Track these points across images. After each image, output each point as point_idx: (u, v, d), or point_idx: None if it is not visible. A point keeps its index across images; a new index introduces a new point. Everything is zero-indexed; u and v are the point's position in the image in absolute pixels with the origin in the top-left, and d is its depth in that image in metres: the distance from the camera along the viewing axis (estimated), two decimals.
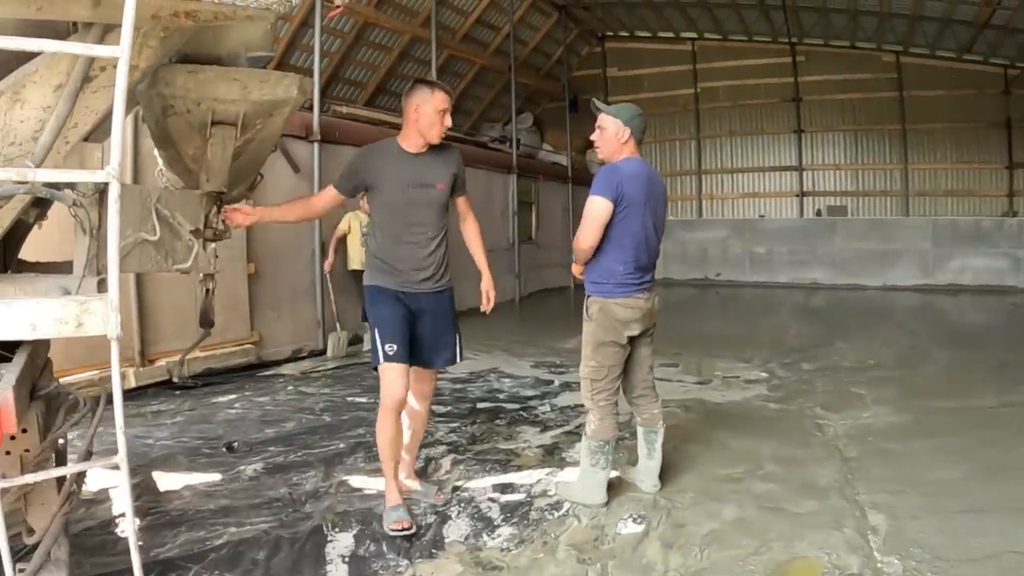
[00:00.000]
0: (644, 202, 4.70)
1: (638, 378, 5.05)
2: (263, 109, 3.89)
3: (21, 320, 2.44)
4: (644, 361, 5.06)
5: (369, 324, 4.65)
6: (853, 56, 20.30)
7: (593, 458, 4.81)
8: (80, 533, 4.32)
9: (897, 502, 4.75)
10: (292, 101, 3.87)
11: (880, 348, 10.57)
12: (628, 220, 4.66)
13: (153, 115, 3.88)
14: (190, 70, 3.62)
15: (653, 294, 4.90)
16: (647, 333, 4.97)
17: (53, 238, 4.20)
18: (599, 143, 4.90)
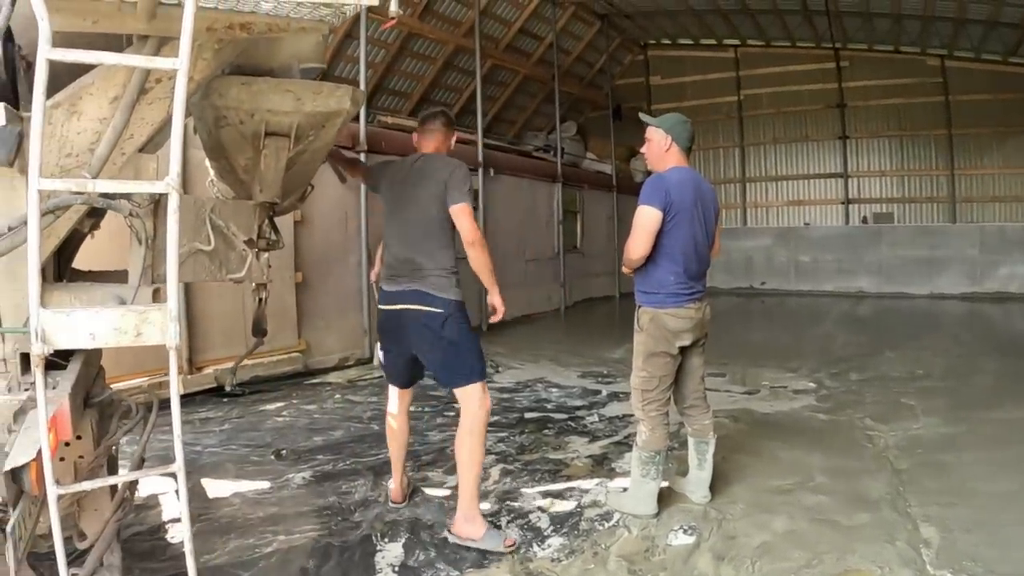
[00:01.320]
0: (692, 210, 4.67)
1: (689, 388, 5.01)
2: (316, 120, 3.92)
3: (81, 329, 2.46)
4: (696, 371, 5.00)
5: (469, 339, 4.54)
6: (897, 60, 20.00)
7: (644, 469, 4.78)
8: (129, 538, 4.36)
9: (949, 515, 4.66)
10: (345, 112, 3.89)
11: (929, 358, 10.38)
12: (677, 229, 4.63)
13: (206, 126, 3.91)
14: (243, 82, 3.65)
15: (704, 304, 4.85)
16: (698, 343, 4.92)
17: (103, 247, 4.25)
18: (646, 154, 4.93)
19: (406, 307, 4.50)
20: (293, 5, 2.91)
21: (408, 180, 4.61)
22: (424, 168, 4.60)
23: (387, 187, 4.77)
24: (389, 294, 4.61)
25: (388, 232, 4.75)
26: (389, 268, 4.67)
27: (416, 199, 4.55)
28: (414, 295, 4.47)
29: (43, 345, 2.39)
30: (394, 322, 4.61)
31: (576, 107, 21.70)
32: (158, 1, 2.69)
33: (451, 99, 17.01)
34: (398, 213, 4.65)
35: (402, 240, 4.60)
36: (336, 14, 3.10)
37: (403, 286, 4.52)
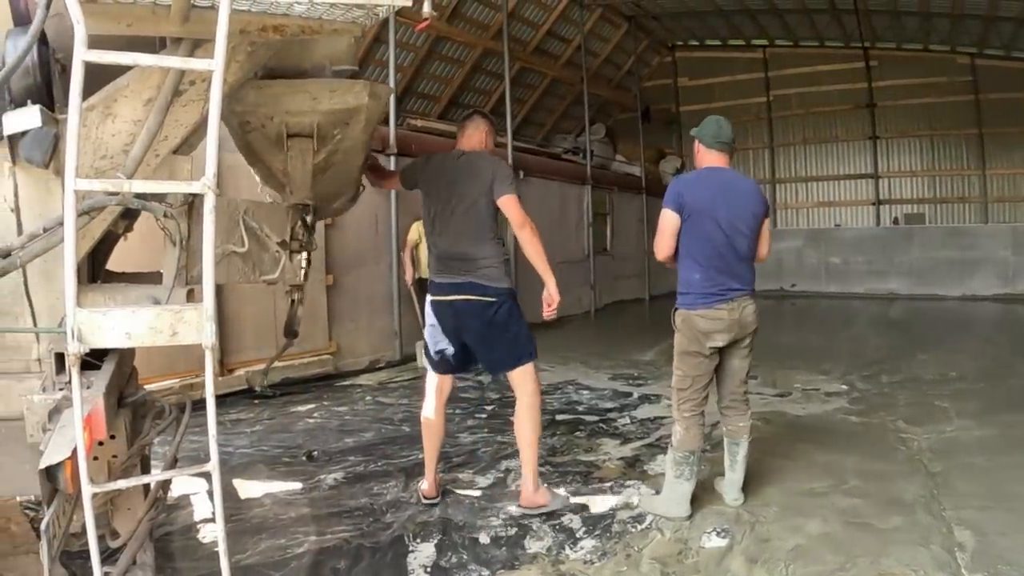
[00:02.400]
0: (712, 209, 4.65)
1: (727, 389, 4.96)
2: (337, 118, 3.93)
3: (117, 329, 2.48)
4: (736, 373, 4.93)
5: (521, 324, 4.86)
6: (927, 59, 19.82)
7: (678, 469, 4.75)
8: (161, 538, 4.38)
9: (984, 518, 4.59)
10: (364, 107, 3.89)
11: (962, 360, 10.23)
12: (695, 228, 4.65)
13: (234, 132, 3.95)
14: (259, 85, 3.68)
15: (741, 303, 4.71)
16: (739, 344, 4.83)
17: (135, 250, 4.28)
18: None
19: (461, 298, 4.74)
20: (326, 7, 2.92)
21: (453, 176, 4.79)
22: (469, 164, 4.81)
23: (429, 183, 4.93)
24: (441, 286, 4.83)
25: (434, 227, 4.87)
26: (439, 262, 4.87)
27: (464, 194, 4.75)
28: (469, 286, 4.71)
29: (79, 344, 2.41)
30: (447, 312, 4.84)
31: (604, 109, 21.66)
32: (191, 4, 2.71)
33: (480, 102, 17.04)
34: (445, 209, 4.79)
35: (452, 235, 4.78)
36: (369, 15, 3.11)
37: (456, 278, 4.75)
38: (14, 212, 2.96)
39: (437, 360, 5.01)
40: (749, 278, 4.81)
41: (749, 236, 4.76)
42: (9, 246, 2.75)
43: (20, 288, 2.97)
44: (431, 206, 4.87)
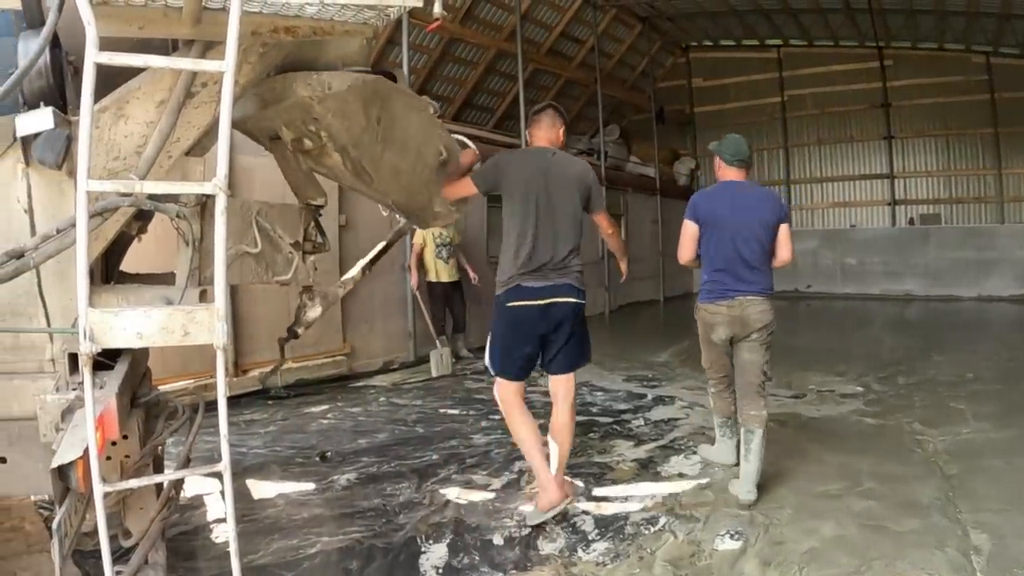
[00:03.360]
0: (721, 220, 5.22)
1: (743, 380, 5.31)
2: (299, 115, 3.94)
3: (129, 329, 2.49)
4: (746, 366, 5.27)
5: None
6: (942, 58, 19.68)
7: (721, 430, 5.77)
8: (174, 538, 4.40)
9: (1001, 521, 4.55)
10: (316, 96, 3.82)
11: (978, 361, 10.16)
12: (709, 235, 5.29)
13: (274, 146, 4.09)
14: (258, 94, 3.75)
15: (743, 303, 5.15)
16: (746, 339, 5.24)
17: (149, 251, 4.30)
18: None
19: (559, 300, 4.73)
20: (337, 8, 2.93)
21: (549, 176, 4.75)
22: (564, 166, 4.85)
23: (518, 183, 4.77)
24: (536, 289, 4.70)
25: (528, 227, 4.71)
26: (530, 263, 4.69)
27: (562, 196, 4.77)
28: (566, 288, 4.74)
29: (91, 344, 2.43)
30: (537, 316, 4.73)
31: (619, 110, 21.63)
32: (203, 6, 2.72)
33: (494, 103, 17.06)
34: (545, 211, 4.72)
35: (553, 238, 4.73)
36: (380, 16, 3.12)
37: (553, 280, 4.71)
38: (27, 213, 2.98)
39: (520, 366, 4.86)
40: (757, 281, 5.20)
41: (757, 243, 5.19)
42: (23, 247, 2.76)
43: (34, 289, 2.99)
44: (524, 207, 4.72)
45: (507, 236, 4.81)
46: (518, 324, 4.75)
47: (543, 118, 5.01)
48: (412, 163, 4.58)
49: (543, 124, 5.00)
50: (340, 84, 3.79)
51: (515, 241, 4.73)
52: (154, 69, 2.90)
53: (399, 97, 4.22)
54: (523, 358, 4.83)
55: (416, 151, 4.53)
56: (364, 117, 4.03)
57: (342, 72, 3.77)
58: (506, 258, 4.78)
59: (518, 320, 4.74)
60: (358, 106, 3.95)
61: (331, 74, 3.74)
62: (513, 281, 4.71)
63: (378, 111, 4.09)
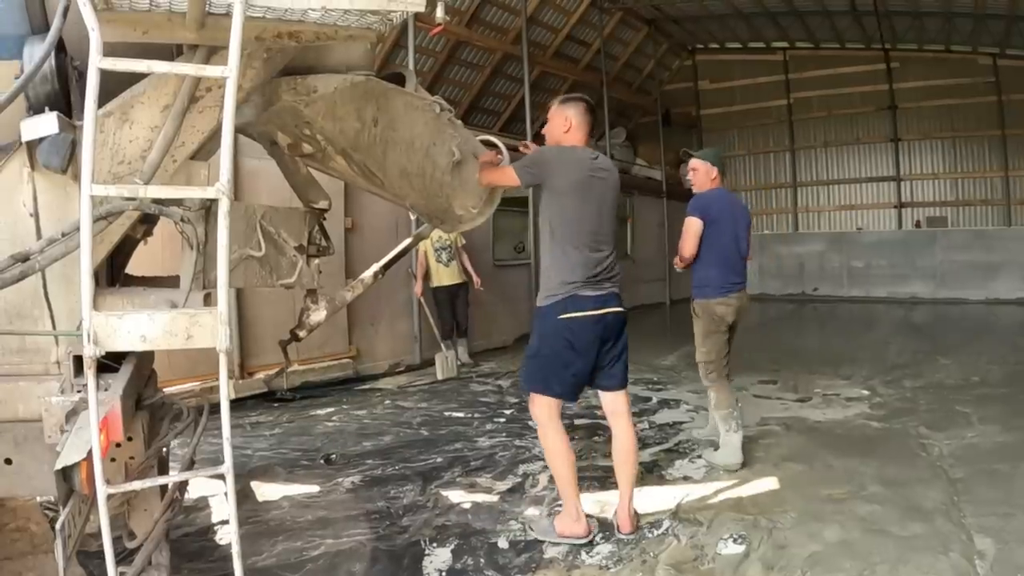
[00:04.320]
0: (728, 221, 6.01)
1: (729, 364, 6.24)
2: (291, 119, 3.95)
3: (132, 332, 2.51)
4: (731, 349, 6.27)
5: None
6: (948, 60, 19.63)
7: (727, 424, 5.90)
8: (179, 539, 4.42)
9: (1006, 526, 4.54)
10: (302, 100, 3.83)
11: (985, 364, 10.14)
12: (715, 235, 5.94)
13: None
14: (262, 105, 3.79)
15: (741, 294, 6.07)
16: (734, 326, 6.18)
17: (156, 254, 4.32)
18: (694, 180, 6.26)
19: (612, 311, 4.53)
20: (341, 13, 2.94)
21: (595, 179, 4.49)
22: (607, 171, 4.61)
23: (571, 183, 4.41)
24: (593, 299, 4.44)
25: (584, 232, 4.44)
26: (585, 269, 4.41)
27: (606, 201, 4.55)
28: (615, 299, 4.56)
29: (95, 347, 2.44)
30: (598, 328, 4.48)
31: (625, 113, 21.66)
32: (207, 11, 2.74)
33: (500, 107, 17.09)
34: (591, 213, 4.46)
35: (603, 242, 4.52)
36: (383, 21, 3.12)
37: (607, 290, 4.50)
38: (33, 217, 3.00)
39: (573, 383, 4.58)
40: (745, 274, 6.22)
41: (745, 243, 6.16)
42: (28, 250, 2.78)
43: (39, 292, 3.01)
44: (580, 210, 4.43)
45: (558, 241, 4.46)
46: (574, 337, 4.42)
47: (582, 114, 4.62)
48: (420, 164, 4.57)
49: (582, 123, 4.62)
50: (325, 87, 3.79)
51: (572, 247, 4.42)
52: (158, 74, 2.92)
53: (398, 97, 4.23)
54: (577, 374, 4.52)
55: (424, 152, 4.52)
56: (357, 119, 4.04)
57: (328, 75, 3.78)
58: (560, 265, 4.45)
59: (575, 333, 4.42)
60: (349, 108, 3.96)
61: (316, 77, 3.74)
62: (569, 291, 4.40)
63: (374, 112, 4.09)
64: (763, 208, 22.74)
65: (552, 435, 4.56)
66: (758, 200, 22.77)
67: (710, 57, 23.09)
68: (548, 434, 4.57)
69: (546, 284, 4.52)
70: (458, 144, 4.63)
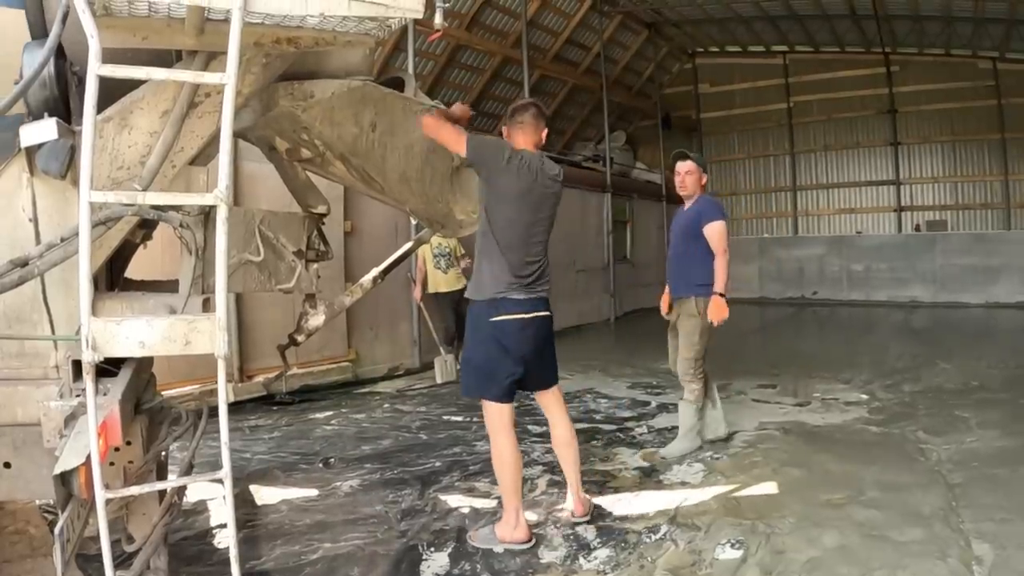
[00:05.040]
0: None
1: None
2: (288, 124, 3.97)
3: (131, 338, 2.51)
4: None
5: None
6: (948, 64, 19.64)
7: (696, 416, 6.39)
8: (178, 543, 4.43)
9: (1004, 531, 4.52)
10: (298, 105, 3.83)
11: (985, 369, 10.13)
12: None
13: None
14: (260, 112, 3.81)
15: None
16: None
17: (158, 258, 4.33)
18: (687, 182, 6.44)
19: (541, 315, 4.64)
20: (339, 19, 2.95)
21: (538, 187, 4.53)
22: (551, 178, 4.64)
23: (515, 190, 4.45)
24: (524, 302, 4.52)
25: (517, 236, 4.49)
26: (517, 271, 4.48)
27: (543, 210, 4.62)
28: (543, 303, 4.66)
29: (93, 353, 2.45)
30: (528, 331, 4.56)
31: (625, 116, 21.68)
32: (206, 17, 2.74)
33: (499, 110, 17.08)
34: (527, 221, 4.52)
35: (536, 248, 4.60)
36: (381, 27, 3.13)
37: (536, 294, 4.59)
38: (32, 222, 3.01)
39: (507, 386, 4.56)
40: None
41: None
42: (27, 255, 2.80)
43: (39, 296, 3.03)
44: (516, 212, 4.48)
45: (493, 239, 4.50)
46: (507, 340, 4.51)
47: (527, 119, 4.63)
48: (420, 169, 4.58)
49: (528, 127, 4.62)
50: (323, 92, 3.81)
51: (507, 247, 4.48)
52: (158, 80, 2.93)
53: (396, 102, 4.23)
54: (511, 376, 4.56)
55: (423, 157, 4.53)
56: (355, 124, 4.05)
57: (325, 80, 3.79)
58: (492, 261, 4.51)
59: (507, 335, 4.51)
60: (347, 113, 3.97)
61: (313, 82, 3.76)
62: (500, 293, 4.48)
63: (372, 117, 4.10)
64: (763, 211, 22.76)
65: (501, 441, 4.58)
66: (758, 203, 22.79)
67: (710, 60, 23.09)
68: (497, 440, 4.60)
69: (478, 276, 4.62)
70: None
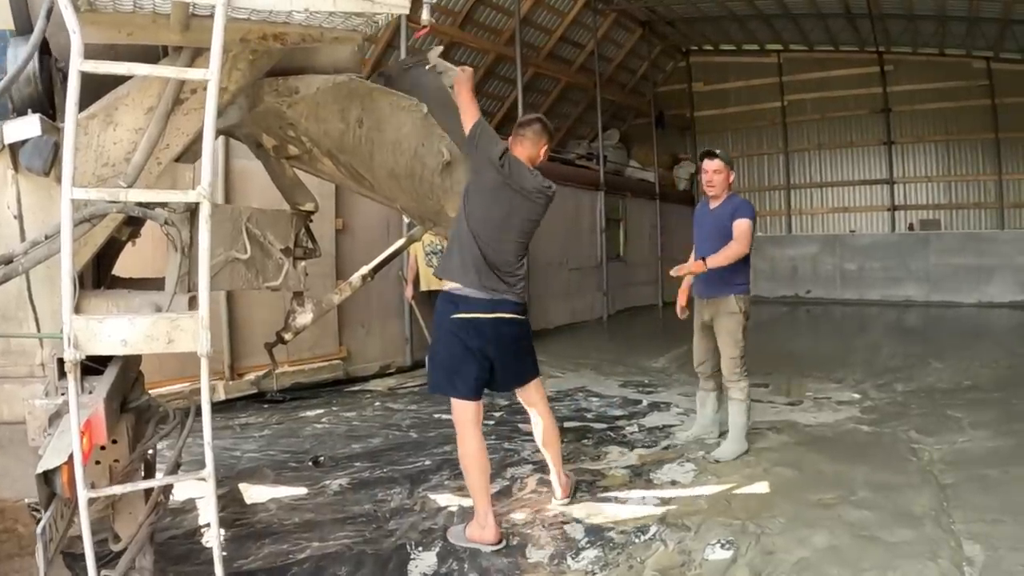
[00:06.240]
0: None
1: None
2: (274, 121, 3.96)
3: (113, 336, 2.50)
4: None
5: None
6: (942, 63, 19.64)
7: (746, 414, 6.23)
8: (165, 542, 4.42)
9: (995, 532, 4.51)
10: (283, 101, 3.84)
11: (977, 368, 10.11)
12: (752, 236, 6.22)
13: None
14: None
15: None
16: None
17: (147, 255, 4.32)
18: (716, 182, 6.35)
19: (505, 316, 4.60)
20: (325, 15, 2.93)
21: (515, 189, 4.53)
22: (534, 186, 4.62)
23: (494, 179, 4.47)
24: (486, 302, 4.52)
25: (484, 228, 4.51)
26: (478, 265, 4.49)
27: (521, 213, 4.61)
28: (509, 304, 4.61)
29: (75, 351, 2.43)
30: (488, 330, 4.55)
31: (619, 114, 21.67)
32: (191, 13, 2.73)
33: (493, 108, 17.05)
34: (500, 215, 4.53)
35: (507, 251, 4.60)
36: (368, 23, 3.12)
37: (502, 295, 4.56)
38: (17, 219, 3.00)
39: (474, 383, 4.62)
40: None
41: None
42: (11, 253, 2.78)
43: (24, 294, 3.01)
44: (488, 207, 4.51)
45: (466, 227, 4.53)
46: (467, 337, 4.54)
47: (527, 133, 4.73)
48: (408, 166, 4.55)
49: (527, 141, 4.72)
50: (307, 88, 3.80)
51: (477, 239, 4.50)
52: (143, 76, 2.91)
53: (383, 98, 4.22)
54: (477, 372, 4.61)
55: (412, 153, 4.50)
56: (341, 120, 4.04)
57: (309, 76, 3.78)
58: (463, 247, 4.53)
59: (468, 332, 4.54)
60: (332, 109, 3.96)
61: (297, 78, 3.75)
62: (463, 289, 4.53)
63: (358, 113, 4.09)
64: (757, 210, 22.56)
65: (469, 440, 4.61)
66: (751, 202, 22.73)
67: (704, 59, 23.08)
68: (465, 439, 4.63)
69: (448, 257, 4.65)
70: (447, 145, 4.61)
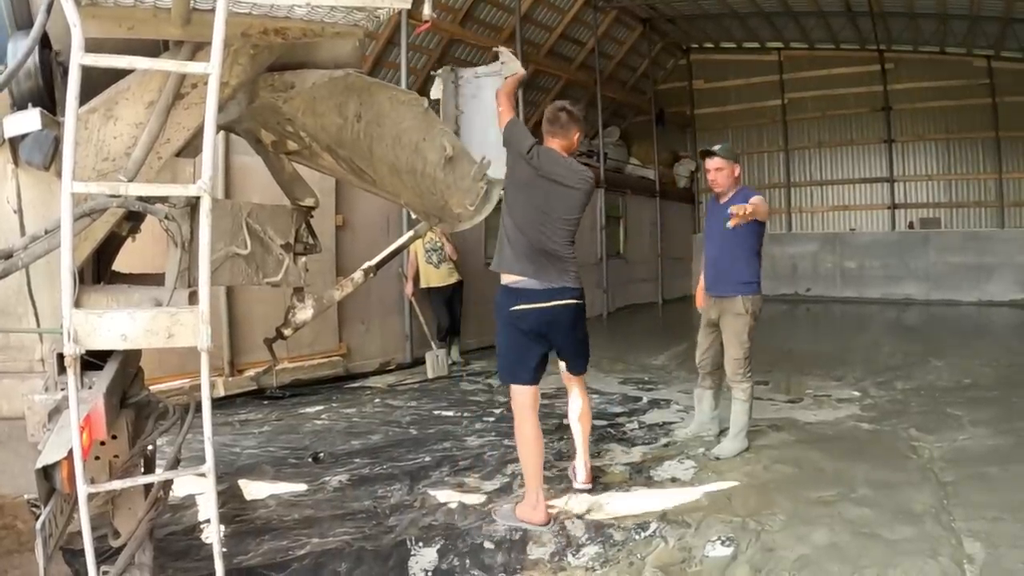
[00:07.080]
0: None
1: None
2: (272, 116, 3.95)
3: (113, 331, 2.49)
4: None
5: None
6: (943, 62, 19.66)
7: (748, 414, 6.16)
8: (165, 537, 4.41)
9: (995, 529, 4.52)
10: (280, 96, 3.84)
11: (977, 367, 10.12)
12: (764, 236, 6.15)
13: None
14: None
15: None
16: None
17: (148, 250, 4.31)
18: (721, 180, 6.13)
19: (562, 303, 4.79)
20: (327, 10, 2.93)
21: (545, 179, 4.70)
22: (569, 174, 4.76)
23: (524, 173, 4.69)
24: (540, 291, 4.73)
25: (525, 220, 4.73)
26: (528, 256, 4.72)
27: (558, 202, 4.73)
28: (568, 292, 4.80)
29: (75, 345, 2.43)
30: (545, 317, 4.78)
31: (619, 112, 21.66)
32: (192, 7, 2.72)
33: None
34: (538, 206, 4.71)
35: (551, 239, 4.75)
36: (370, 18, 3.11)
37: (556, 284, 4.75)
38: (17, 214, 2.98)
39: (533, 370, 4.91)
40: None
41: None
42: (11, 247, 2.77)
43: (24, 288, 2.99)
44: (524, 200, 4.72)
45: (511, 218, 4.77)
46: (527, 326, 4.80)
47: (555, 128, 4.84)
48: (410, 161, 4.54)
49: (558, 134, 4.83)
50: (303, 82, 3.80)
51: (520, 231, 4.72)
52: (143, 70, 2.90)
53: (381, 92, 4.21)
54: (536, 360, 4.92)
55: (413, 148, 4.49)
56: (339, 115, 4.03)
57: (306, 71, 3.77)
58: (513, 241, 4.75)
59: (527, 322, 4.78)
60: (330, 104, 3.95)
61: (294, 73, 3.75)
62: (516, 281, 4.75)
63: (356, 108, 4.08)
64: None
65: (525, 424, 4.83)
66: None
67: (705, 57, 23.11)
68: (522, 423, 4.84)
69: (500, 250, 4.84)
70: (449, 139, 4.61)
